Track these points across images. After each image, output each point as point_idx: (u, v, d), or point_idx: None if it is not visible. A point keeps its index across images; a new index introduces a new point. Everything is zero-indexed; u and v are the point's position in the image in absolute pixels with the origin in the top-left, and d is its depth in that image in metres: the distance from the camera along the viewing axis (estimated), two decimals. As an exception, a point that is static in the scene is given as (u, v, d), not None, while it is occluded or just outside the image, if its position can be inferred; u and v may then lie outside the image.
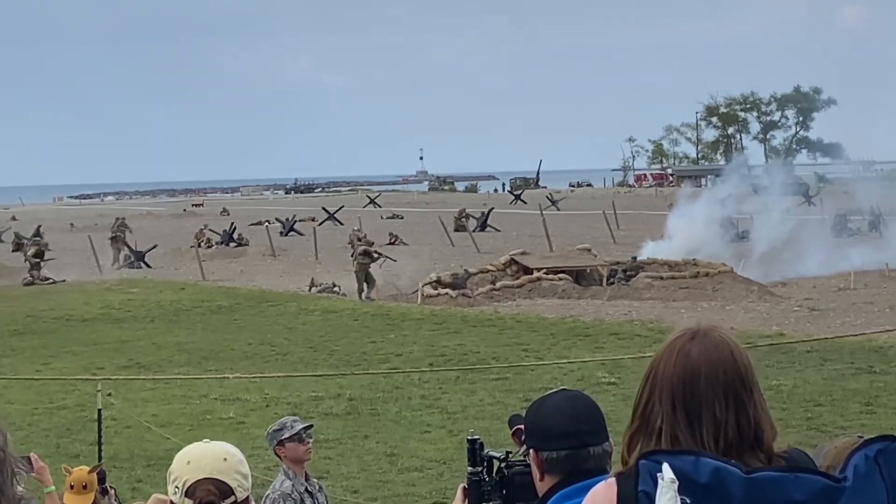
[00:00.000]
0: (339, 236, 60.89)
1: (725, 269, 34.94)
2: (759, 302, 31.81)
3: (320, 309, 31.39)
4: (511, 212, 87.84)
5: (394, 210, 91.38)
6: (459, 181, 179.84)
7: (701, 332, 3.17)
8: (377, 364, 22.61)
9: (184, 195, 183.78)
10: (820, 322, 27.82)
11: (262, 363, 23.16)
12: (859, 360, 20.54)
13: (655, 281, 34.33)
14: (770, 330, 25.90)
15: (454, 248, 54.39)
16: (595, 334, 25.62)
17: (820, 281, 37.01)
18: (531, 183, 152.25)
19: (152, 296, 35.29)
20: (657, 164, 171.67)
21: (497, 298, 33.53)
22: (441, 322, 28.29)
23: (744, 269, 36.62)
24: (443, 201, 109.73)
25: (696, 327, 3.19)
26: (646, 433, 3.08)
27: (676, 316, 29.10)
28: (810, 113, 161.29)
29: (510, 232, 64.94)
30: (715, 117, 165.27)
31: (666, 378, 3.13)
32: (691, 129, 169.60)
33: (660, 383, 3.13)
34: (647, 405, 3.12)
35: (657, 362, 3.17)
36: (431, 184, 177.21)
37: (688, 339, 3.16)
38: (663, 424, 3.06)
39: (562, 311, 30.26)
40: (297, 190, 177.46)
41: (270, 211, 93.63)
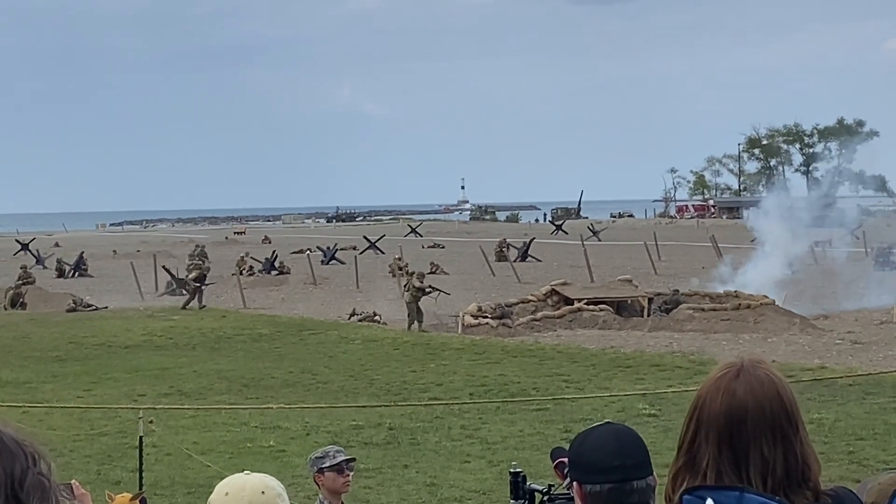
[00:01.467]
0: (381, 265, 60.98)
1: (767, 302, 34.80)
2: (800, 335, 31.66)
3: (361, 338, 31.43)
4: (552, 242, 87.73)
5: (435, 239, 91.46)
6: (500, 211, 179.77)
7: (745, 368, 3.14)
8: (417, 393, 22.62)
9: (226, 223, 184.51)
10: (862, 355, 27.67)
11: (302, 391, 23.20)
12: (902, 395, 20.43)
13: (697, 313, 34.22)
14: (812, 363, 25.77)
15: (495, 277, 54.35)
16: (636, 366, 25.55)
17: (862, 314, 36.81)
18: (572, 213, 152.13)
19: (193, 323, 35.42)
20: (699, 196, 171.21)
21: (537, 329, 33.51)
22: (481, 352, 28.28)
23: (786, 302, 36.45)
24: (484, 231, 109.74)
25: (741, 363, 3.16)
26: (691, 471, 3.06)
27: (717, 348, 28.99)
28: (853, 145, 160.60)
29: (551, 262, 64.85)
30: (757, 149, 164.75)
31: (711, 417, 3.11)
32: (733, 160, 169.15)
33: (705, 422, 3.11)
34: (692, 443, 3.11)
35: (702, 399, 3.15)
36: (472, 213, 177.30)
37: (733, 377, 3.13)
38: (709, 463, 3.04)
39: (602, 342, 30.21)
40: (338, 218, 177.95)
41: (312, 239, 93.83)
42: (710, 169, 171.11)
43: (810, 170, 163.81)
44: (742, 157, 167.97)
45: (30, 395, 23.09)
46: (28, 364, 27.75)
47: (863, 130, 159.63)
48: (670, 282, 44.79)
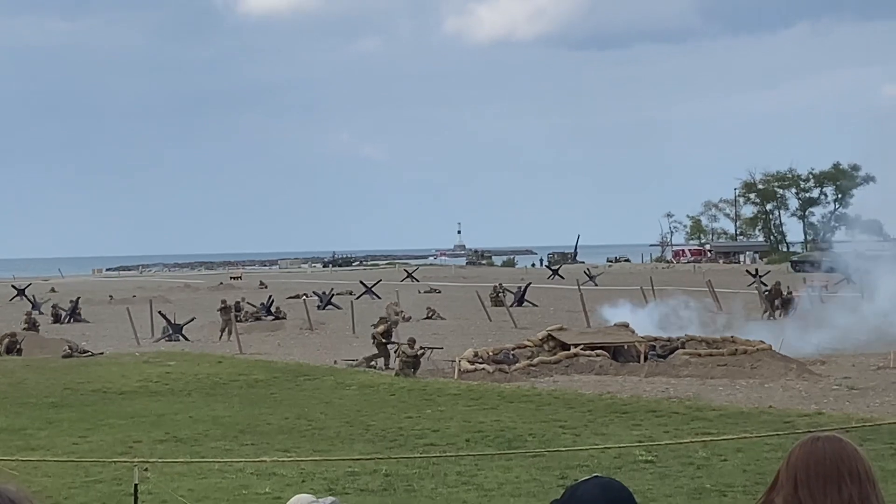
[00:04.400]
0: (377, 310, 60.94)
1: (764, 347, 34.80)
2: (797, 380, 31.64)
3: (357, 383, 31.37)
4: (548, 287, 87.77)
5: (431, 284, 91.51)
6: (497, 255, 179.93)
7: (825, 434, 3.72)
8: (414, 440, 22.55)
9: (222, 268, 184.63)
10: (859, 401, 27.64)
11: (298, 437, 23.13)
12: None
13: (693, 358, 34.21)
14: (809, 409, 25.73)
15: (491, 322, 54.37)
16: (632, 411, 25.50)
17: (859, 359, 36.81)
18: (569, 258, 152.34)
19: (189, 369, 35.35)
20: (695, 240, 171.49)
21: (534, 374, 33.48)
22: (478, 397, 28.22)
23: (782, 347, 36.44)
24: (480, 276, 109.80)
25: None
26: None
27: (714, 393, 28.97)
28: (849, 190, 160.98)
29: (547, 307, 64.89)
30: (753, 193, 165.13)
31: (792, 461, 3.61)
32: (730, 204, 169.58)
33: (789, 467, 3.60)
34: (773, 485, 3.59)
35: (791, 453, 3.68)
36: (469, 258, 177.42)
37: (815, 437, 3.69)
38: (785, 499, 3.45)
39: (599, 388, 30.17)
40: (335, 263, 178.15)
41: (308, 284, 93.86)
42: (706, 213, 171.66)
43: (806, 214, 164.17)
44: (738, 202, 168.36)
45: (24, 442, 23.01)
46: (23, 410, 27.66)
47: (858, 175, 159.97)
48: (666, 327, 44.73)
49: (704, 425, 23.02)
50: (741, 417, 24.04)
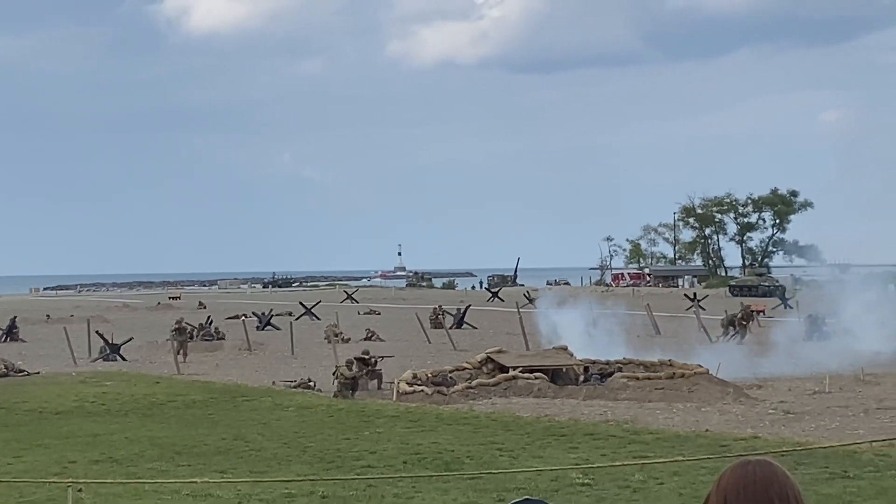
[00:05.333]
0: (316, 331, 60.86)
1: (701, 371, 34.96)
2: (734, 404, 31.80)
3: (295, 405, 31.29)
4: (488, 309, 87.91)
5: (371, 306, 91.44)
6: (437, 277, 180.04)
7: (756, 458, 3.76)
8: (351, 461, 22.50)
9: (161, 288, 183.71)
10: (794, 425, 27.81)
11: (235, 459, 23.03)
12: (833, 465, 20.52)
13: (631, 381, 34.32)
14: (745, 433, 25.87)
15: (431, 344, 54.37)
16: (570, 434, 25.55)
17: (795, 384, 37.05)
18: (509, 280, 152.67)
19: (126, 389, 35.14)
20: (634, 264, 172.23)
21: (473, 396, 33.48)
22: (416, 419, 28.20)
23: (719, 371, 36.63)
24: (420, 297, 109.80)
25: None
26: None
27: (652, 417, 29.08)
28: (787, 215, 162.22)
29: (487, 329, 64.98)
30: (692, 218, 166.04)
31: (724, 485, 3.65)
32: (669, 229, 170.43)
33: (720, 490, 3.64)
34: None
35: (721, 476, 3.70)
36: (409, 280, 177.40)
37: (746, 461, 3.74)
38: None
39: (537, 410, 30.21)
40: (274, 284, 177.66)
41: (247, 305, 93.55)
42: (645, 237, 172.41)
43: (744, 239, 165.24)
44: (677, 226, 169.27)
45: (-42, 462, 22.78)
46: (-43, 430, 27.39)
47: (796, 201, 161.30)
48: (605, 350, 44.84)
49: (641, 448, 23.11)
50: (678, 441, 24.15)
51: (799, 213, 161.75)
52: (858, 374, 38.02)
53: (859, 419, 29.12)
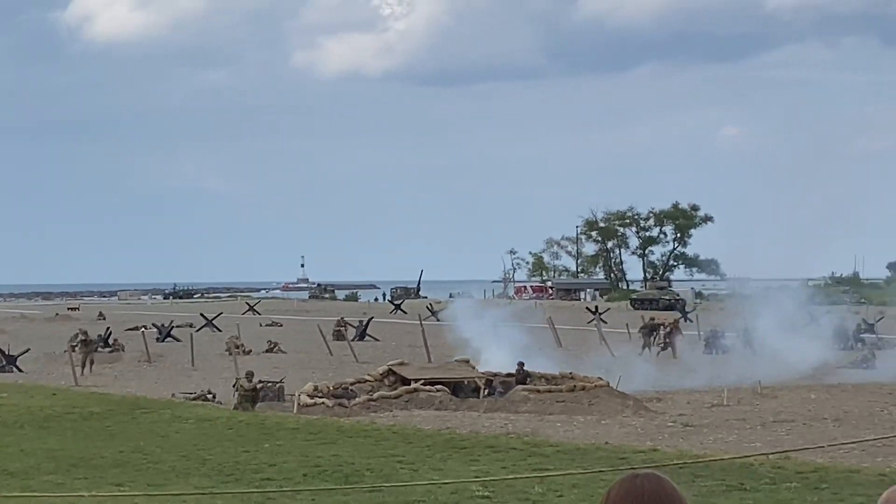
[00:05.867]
0: (217, 343, 60.45)
1: (602, 384, 35.16)
2: (634, 417, 32.01)
3: (195, 417, 31.04)
4: (391, 321, 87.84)
5: (273, 318, 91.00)
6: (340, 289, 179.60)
7: (644, 472, 3.77)
8: (250, 474, 22.35)
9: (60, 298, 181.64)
10: (693, 438, 28.05)
11: (132, 471, 22.79)
12: (730, 478, 20.70)
13: (532, 394, 34.43)
14: (644, 445, 26.04)
15: (332, 357, 54.23)
16: (470, 447, 25.56)
17: (694, 397, 37.38)
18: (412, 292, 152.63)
19: (23, 401, 34.68)
20: (537, 277, 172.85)
21: (374, 409, 33.41)
22: (317, 432, 28.08)
23: (620, 384, 36.86)
24: (322, 310, 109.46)
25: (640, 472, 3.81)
26: None
27: (552, 430, 29.18)
28: (688, 229, 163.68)
29: (389, 342, 64.93)
30: (595, 231, 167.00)
31: (612, 498, 3.69)
32: (571, 242, 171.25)
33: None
34: None
35: (610, 490, 3.73)
36: (312, 291, 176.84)
37: (634, 474, 3.76)
38: None
39: (438, 423, 30.20)
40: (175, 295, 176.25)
41: (148, 316, 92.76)
42: (548, 251, 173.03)
43: (646, 253, 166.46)
44: (580, 240, 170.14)
45: None
46: None
47: (697, 215, 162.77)
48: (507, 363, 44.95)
49: (541, 461, 23.17)
50: (578, 453, 24.24)
51: (700, 227, 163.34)
52: (756, 388, 38.45)
53: (756, 432, 29.43)
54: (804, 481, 20.26)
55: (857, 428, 30.30)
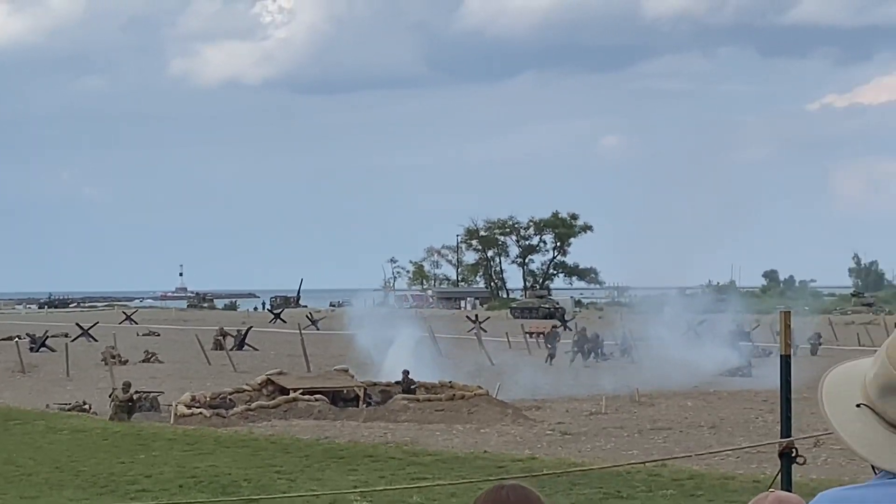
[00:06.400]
0: (93, 353, 59.70)
1: (481, 392, 35.22)
2: (512, 425, 32.10)
3: (69, 428, 30.57)
4: (270, 331, 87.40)
5: (150, 327, 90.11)
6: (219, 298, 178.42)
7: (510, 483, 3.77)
8: (125, 485, 22.06)
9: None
10: (571, 446, 28.18)
11: (4, 484, 22.38)
12: (607, 486, 20.81)
13: (412, 403, 34.40)
14: (522, 454, 26.10)
15: (211, 366, 53.79)
16: (349, 456, 25.45)
17: (573, 405, 37.58)
18: (291, 302, 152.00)
19: None
20: (418, 286, 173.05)
21: (252, 419, 33.17)
22: (194, 442, 27.79)
23: (499, 393, 36.97)
24: (201, 319, 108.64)
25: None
26: None
27: (431, 439, 29.17)
28: (568, 238, 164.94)
29: (268, 351, 64.59)
30: (475, 240, 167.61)
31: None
32: (452, 251, 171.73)
33: None
34: None
35: (475, 501, 3.71)
36: (190, 301, 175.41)
37: (500, 485, 3.74)
38: None
39: (317, 433, 30.05)
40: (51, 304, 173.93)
41: (22, 326, 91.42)
42: (429, 259, 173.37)
43: (526, 262, 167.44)
44: (461, 249, 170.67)
45: None
46: None
47: (577, 224, 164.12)
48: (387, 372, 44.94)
49: (420, 470, 23.13)
50: (456, 462, 24.23)
51: (579, 236, 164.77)
52: (634, 396, 38.76)
53: (634, 440, 29.66)
54: (680, 488, 20.44)
55: (733, 435, 30.66)
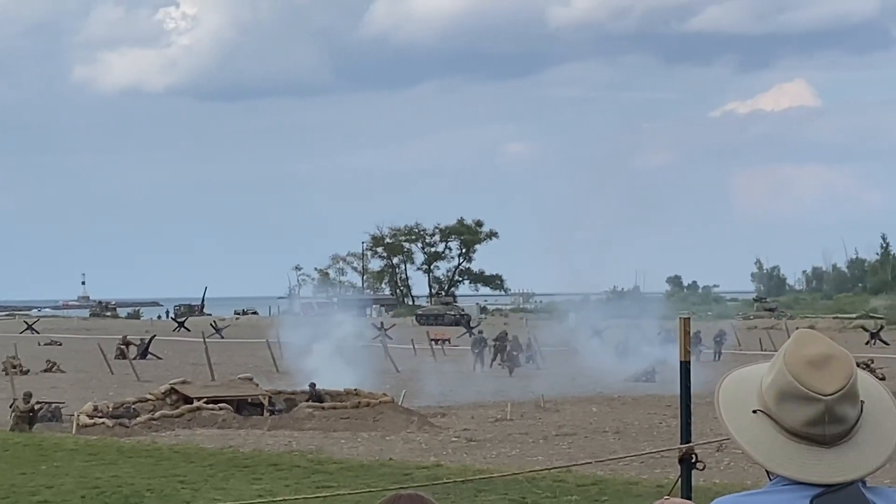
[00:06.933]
0: (-7, 363, 58.83)
1: (387, 400, 35.19)
2: (418, 432, 32.08)
3: (-32, 439, 30.14)
4: (174, 339, 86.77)
5: (52, 336, 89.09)
6: (122, 307, 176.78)
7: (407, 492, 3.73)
8: (27, 497, 21.78)
9: None
10: (476, 453, 28.21)
11: None
12: (513, 492, 20.86)
13: (317, 411, 34.29)
14: (428, 461, 26.10)
15: (114, 375, 53.28)
16: (253, 465, 25.30)
17: (478, 411, 37.62)
18: (196, 310, 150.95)
19: None
20: (323, 293, 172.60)
21: (156, 428, 32.89)
22: (96, 452, 27.50)
23: (404, 400, 36.95)
24: (104, 328, 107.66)
25: None
26: None
27: (336, 447, 29.08)
28: (473, 245, 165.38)
29: (173, 360, 64.11)
30: (381, 247, 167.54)
31: None
32: (357, 258, 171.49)
33: None
34: None
35: None
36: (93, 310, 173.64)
37: (398, 495, 3.70)
38: None
39: (221, 442, 29.86)
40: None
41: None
42: (334, 267, 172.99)
43: (432, 268, 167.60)
44: (366, 256, 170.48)
45: None
46: None
47: (482, 231, 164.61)
48: (292, 379, 44.81)
49: (325, 478, 23.05)
50: (361, 470, 24.18)
51: (484, 243, 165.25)
52: (539, 401, 38.88)
53: (539, 446, 29.75)
54: (584, 494, 20.54)
55: (637, 440, 30.87)
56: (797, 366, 3.01)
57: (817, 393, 2.98)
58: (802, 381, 2.99)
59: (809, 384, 2.99)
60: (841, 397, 2.98)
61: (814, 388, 2.99)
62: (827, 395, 2.98)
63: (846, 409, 3.00)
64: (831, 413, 2.98)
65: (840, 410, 2.99)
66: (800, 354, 3.03)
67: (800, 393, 2.99)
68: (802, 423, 3.00)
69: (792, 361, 3.03)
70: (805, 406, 2.99)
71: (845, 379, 2.99)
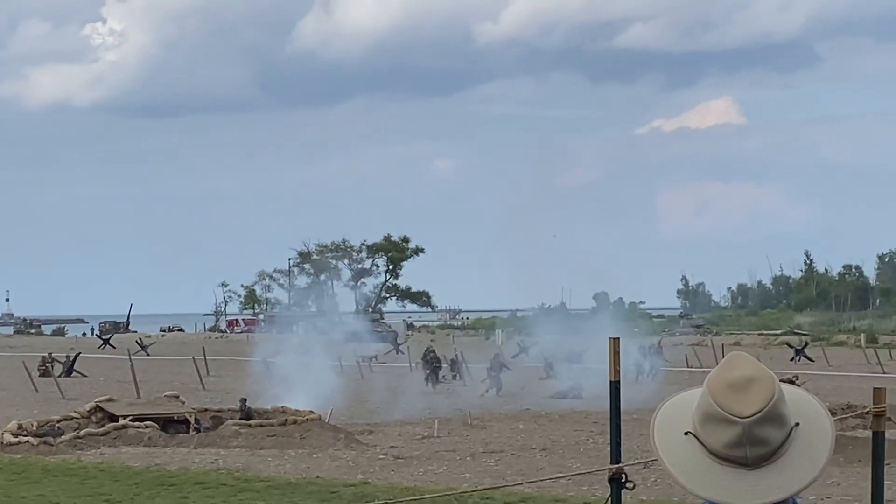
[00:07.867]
0: (-85, 381, 58.22)
1: (314, 417, 35.11)
2: (345, 450, 32.04)
3: None
4: (99, 356, 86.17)
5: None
6: (47, 324, 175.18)
7: None
8: (-51, 517, 21.60)
9: None
10: (404, 470, 28.22)
11: None
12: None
13: (243, 428, 34.16)
14: (355, 478, 26.09)
15: (38, 393, 52.80)
16: (180, 483, 25.22)
17: (405, 428, 37.62)
18: (121, 327, 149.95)
19: None
20: (250, 310, 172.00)
21: (81, 446, 32.63)
22: (20, 471, 27.30)
23: (331, 417, 36.89)
24: (28, 345, 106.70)
25: None
26: None
27: (264, 464, 28.99)
28: (400, 261, 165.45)
29: (98, 377, 63.60)
30: (307, 264, 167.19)
31: None
32: (284, 275, 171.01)
33: None
34: None
35: None
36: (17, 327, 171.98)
37: None
38: None
39: (147, 460, 29.69)
40: None
41: None
42: (260, 283, 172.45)
43: (359, 285, 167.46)
44: (293, 272, 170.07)
45: None
46: None
47: (409, 247, 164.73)
48: (219, 397, 44.63)
49: (252, 497, 23.02)
50: (289, 488, 24.16)
51: (411, 259, 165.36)
52: (466, 418, 38.94)
53: (466, 463, 29.79)
54: (512, 511, 20.60)
55: (564, 457, 30.98)
56: (718, 388, 3.08)
57: (735, 416, 3.04)
58: (721, 403, 3.05)
59: (728, 407, 3.05)
60: (759, 420, 3.03)
61: (731, 411, 3.05)
62: (744, 417, 3.03)
63: (767, 430, 3.04)
64: (750, 435, 3.04)
65: (760, 433, 3.04)
66: (722, 377, 3.09)
67: (719, 416, 3.05)
68: (723, 445, 3.06)
69: (714, 384, 3.09)
70: (725, 428, 3.05)
71: (764, 401, 3.04)
